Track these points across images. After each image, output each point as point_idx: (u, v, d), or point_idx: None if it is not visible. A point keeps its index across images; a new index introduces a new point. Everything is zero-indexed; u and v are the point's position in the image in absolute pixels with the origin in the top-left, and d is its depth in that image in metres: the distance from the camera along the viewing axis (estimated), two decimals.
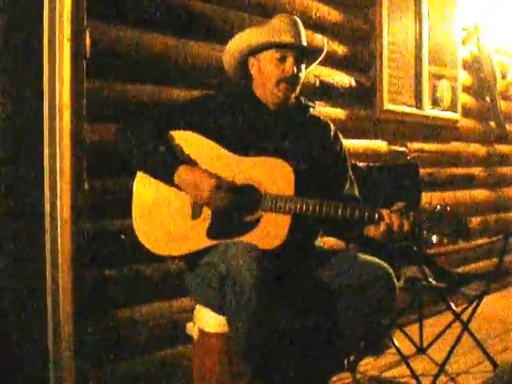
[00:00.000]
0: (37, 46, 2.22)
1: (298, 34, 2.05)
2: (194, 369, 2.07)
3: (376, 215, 1.89)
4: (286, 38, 2.01)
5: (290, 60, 2.01)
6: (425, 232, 1.90)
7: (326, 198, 1.95)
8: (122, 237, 2.07)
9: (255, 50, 2.06)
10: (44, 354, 2.28)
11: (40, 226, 2.25)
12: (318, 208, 1.89)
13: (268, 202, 1.91)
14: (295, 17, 2.11)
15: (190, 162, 1.95)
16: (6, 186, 2.23)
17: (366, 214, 1.89)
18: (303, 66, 2.08)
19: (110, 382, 2.37)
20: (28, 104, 2.26)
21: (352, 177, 2.23)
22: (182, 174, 1.91)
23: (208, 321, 1.94)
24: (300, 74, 2.05)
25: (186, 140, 2.00)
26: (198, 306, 2.04)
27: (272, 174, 1.94)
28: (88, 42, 2.25)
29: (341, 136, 2.24)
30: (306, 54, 2.10)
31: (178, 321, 2.48)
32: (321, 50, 2.16)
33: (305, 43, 2.07)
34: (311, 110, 2.19)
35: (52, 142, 2.24)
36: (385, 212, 1.88)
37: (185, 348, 2.50)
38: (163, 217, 1.97)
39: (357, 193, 2.21)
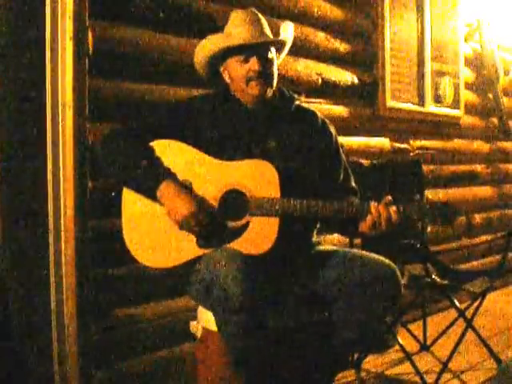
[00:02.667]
0: (39, 44, 2.22)
1: (254, 30, 2.00)
2: (198, 367, 2.07)
3: (364, 208, 1.87)
4: (238, 40, 1.98)
5: (252, 58, 1.98)
6: (418, 222, 1.90)
7: (319, 193, 1.93)
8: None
9: (219, 58, 2.04)
10: (48, 353, 2.28)
11: (43, 225, 2.26)
12: (304, 207, 1.87)
13: (254, 206, 1.89)
14: (252, 10, 2.07)
15: (172, 177, 1.90)
16: (9, 185, 2.24)
17: (354, 208, 1.88)
18: (272, 58, 2.03)
19: (114, 381, 2.37)
20: (30, 103, 2.26)
21: (347, 166, 2.19)
22: (163, 191, 1.86)
23: (211, 319, 1.94)
24: (268, 67, 2.01)
25: (169, 150, 1.96)
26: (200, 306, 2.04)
27: (257, 177, 1.92)
28: (90, 40, 2.25)
29: (330, 124, 2.19)
30: (271, 45, 2.04)
31: (182, 319, 2.49)
32: (285, 40, 2.08)
33: (262, 38, 2.01)
34: (296, 101, 2.14)
35: (55, 141, 2.25)
36: (372, 205, 1.87)
37: (188, 346, 2.51)
38: (152, 230, 1.93)
39: (353, 183, 2.18)
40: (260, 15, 2.06)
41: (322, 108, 3.23)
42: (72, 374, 2.26)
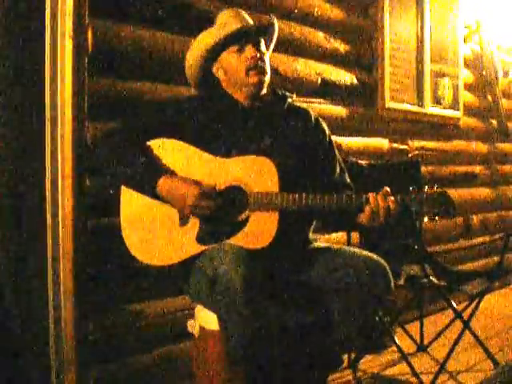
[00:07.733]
0: (39, 42, 2.22)
1: (243, 19, 2.06)
2: (195, 366, 2.07)
3: (362, 199, 1.88)
4: (234, 26, 2.01)
5: (248, 46, 2.02)
6: (414, 212, 1.89)
7: (316, 188, 1.94)
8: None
9: (214, 53, 2.05)
10: (45, 351, 2.28)
11: (42, 223, 2.25)
12: (303, 201, 1.88)
13: (254, 201, 1.90)
14: (237, 9, 2.11)
15: (170, 172, 1.92)
16: (8, 183, 2.23)
17: (353, 200, 1.89)
18: (264, 47, 2.07)
19: (112, 379, 2.37)
20: (29, 101, 2.25)
21: (341, 162, 2.21)
22: (164, 186, 1.88)
23: (209, 318, 1.94)
24: (264, 55, 2.05)
25: (166, 148, 1.97)
26: (198, 304, 2.04)
27: (256, 173, 1.93)
28: (90, 39, 2.25)
29: (323, 122, 2.21)
30: (261, 34, 2.08)
31: (179, 318, 2.49)
32: (272, 26, 2.13)
33: (252, 23, 2.08)
34: (288, 99, 2.16)
35: (53, 140, 2.24)
36: (370, 195, 1.87)
37: (186, 345, 2.51)
38: (151, 228, 1.94)
39: (348, 179, 2.19)
40: (245, 13, 2.11)
41: (320, 108, 3.24)
42: (69, 373, 2.26)
